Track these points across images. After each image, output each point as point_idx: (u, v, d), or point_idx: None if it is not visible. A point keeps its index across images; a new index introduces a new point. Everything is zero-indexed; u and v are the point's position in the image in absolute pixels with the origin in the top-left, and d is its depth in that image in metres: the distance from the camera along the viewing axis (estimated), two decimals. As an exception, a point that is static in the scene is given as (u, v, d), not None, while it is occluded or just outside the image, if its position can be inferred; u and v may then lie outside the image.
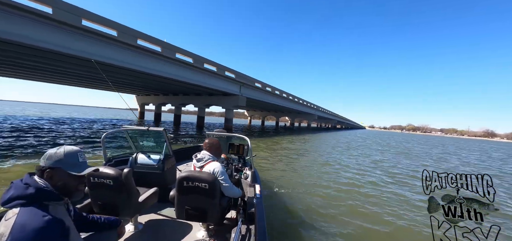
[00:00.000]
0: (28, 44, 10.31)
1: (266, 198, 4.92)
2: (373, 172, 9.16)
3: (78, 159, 1.19)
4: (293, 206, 4.81)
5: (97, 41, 12.46)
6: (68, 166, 1.13)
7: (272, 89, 32.04)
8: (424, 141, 41.91)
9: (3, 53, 12.48)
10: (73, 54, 11.69)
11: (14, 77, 23.88)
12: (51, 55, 12.25)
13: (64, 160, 1.13)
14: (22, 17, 9.87)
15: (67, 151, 1.16)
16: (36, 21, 10.26)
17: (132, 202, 2.25)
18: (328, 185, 6.76)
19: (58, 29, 10.93)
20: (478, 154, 22.90)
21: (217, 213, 2.18)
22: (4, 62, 15.12)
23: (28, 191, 0.98)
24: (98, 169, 1.51)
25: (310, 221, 4.14)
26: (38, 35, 10.42)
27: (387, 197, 5.95)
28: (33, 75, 21.70)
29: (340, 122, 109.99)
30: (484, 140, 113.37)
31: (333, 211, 4.72)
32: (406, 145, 28.40)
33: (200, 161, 2.34)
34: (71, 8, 11.05)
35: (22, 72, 19.37)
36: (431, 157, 16.56)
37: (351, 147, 19.57)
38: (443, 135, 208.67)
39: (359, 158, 13.18)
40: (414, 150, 20.99)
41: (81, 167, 1.18)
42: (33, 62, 14.57)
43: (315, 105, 54.47)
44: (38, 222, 0.92)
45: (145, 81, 20.94)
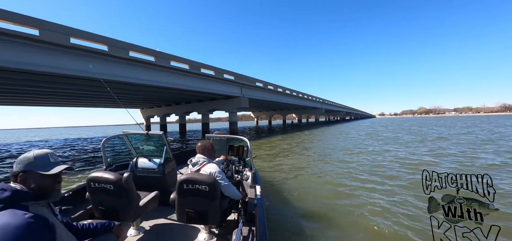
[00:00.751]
0: (17, 68, 10.23)
1: (266, 199, 4.77)
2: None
3: (49, 160, 1.20)
4: (294, 206, 4.57)
5: (89, 58, 12.30)
6: (38, 168, 1.14)
7: (274, 87, 31.42)
8: (449, 123, 38.37)
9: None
10: (65, 73, 11.57)
11: (11, 104, 23.95)
12: (45, 77, 12.20)
13: (34, 162, 1.15)
14: (9, 42, 9.79)
15: (37, 154, 1.18)
16: (24, 44, 10.16)
17: (132, 206, 2.25)
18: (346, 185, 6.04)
19: (47, 50, 10.82)
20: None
21: (217, 215, 2.17)
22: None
23: (4, 194, 0.99)
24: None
25: (311, 222, 3.94)
26: (27, 58, 10.33)
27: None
28: (29, 100, 21.66)
29: (349, 113, 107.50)
30: (501, 115, 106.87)
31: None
32: (437, 129, 24.33)
33: (195, 165, 2.35)
34: (58, 27, 10.93)
35: (17, 97, 19.39)
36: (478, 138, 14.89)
37: (379, 137, 17.83)
38: (458, 114, 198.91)
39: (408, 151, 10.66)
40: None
41: (51, 166, 1.18)
42: (27, 86, 14.55)
43: (320, 99, 53.32)
44: (20, 220, 0.93)
45: (144, 93, 20.85)
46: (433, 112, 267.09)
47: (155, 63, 15.36)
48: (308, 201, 4.87)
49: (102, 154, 3.30)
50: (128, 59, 13.89)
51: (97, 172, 2.24)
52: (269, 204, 4.59)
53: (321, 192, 5.43)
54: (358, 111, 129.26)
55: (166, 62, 16.17)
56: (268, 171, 7.52)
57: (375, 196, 4.92)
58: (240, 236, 1.96)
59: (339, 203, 4.72)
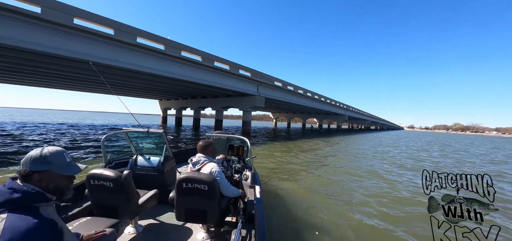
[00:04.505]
0: (16, 46, 9.72)
1: (266, 199, 4.52)
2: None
3: (66, 160, 1.14)
4: (294, 207, 4.55)
5: (92, 41, 11.63)
6: (58, 168, 1.09)
7: (295, 88, 29.40)
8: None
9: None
10: (65, 55, 10.95)
11: (12, 83, 22.97)
12: (43, 57, 11.69)
13: (53, 162, 1.09)
14: (9, 18, 9.30)
15: (53, 153, 1.10)
16: (24, 22, 9.63)
17: (132, 204, 2.24)
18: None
19: (48, 29, 10.24)
20: None
21: (216, 214, 2.17)
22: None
23: (14, 195, 0.95)
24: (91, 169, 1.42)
25: (312, 222, 3.93)
26: (27, 36, 9.80)
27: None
28: (25, 80, 20.59)
29: (375, 123, 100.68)
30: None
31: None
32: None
33: (196, 164, 2.33)
34: (62, 6, 10.30)
35: (11, 76, 18.50)
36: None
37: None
38: (500, 135, 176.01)
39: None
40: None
41: (71, 167, 1.14)
42: (28, 66, 14.14)
43: (345, 105, 49.87)
44: (29, 224, 0.90)
45: (152, 83, 20.08)
46: (471, 129, 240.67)
47: (165, 52, 14.42)
48: (308, 201, 4.89)
49: (102, 151, 3.24)
50: (135, 45, 13.08)
51: (97, 169, 2.20)
52: (269, 205, 4.43)
53: (321, 193, 5.48)
54: (385, 122, 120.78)
55: (176, 51, 15.18)
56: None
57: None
58: (239, 236, 1.97)
59: (339, 204, 4.82)
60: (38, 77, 18.58)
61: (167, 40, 14.56)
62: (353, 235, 3.61)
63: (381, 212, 4.58)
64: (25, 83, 23.43)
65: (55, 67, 14.22)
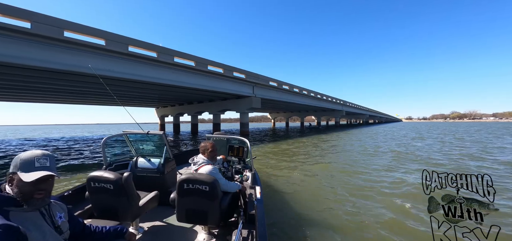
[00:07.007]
0: (8, 62, 9.74)
1: (266, 199, 4.54)
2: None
3: (34, 164, 1.06)
4: (294, 207, 4.48)
5: (84, 53, 11.65)
6: (21, 173, 1.04)
7: (290, 87, 29.52)
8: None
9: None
10: (57, 68, 10.96)
11: (5, 100, 23.16)
12: (40, 72, 11.74)
13: (20, 165, 1.05)
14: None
15: (23, 156, 1.07)
16: (15, 37, 9.66)
17: (132, 206, 2.22)
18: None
19: (39, 44, 10.26)
20: None
21: (217, 215, 2.16)
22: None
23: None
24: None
25: (313, 222, 3.88)
26: (18, 52, 9.82)
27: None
28: (26, 96, 20.87)
29: (372, 116, 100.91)
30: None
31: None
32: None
33: (195, 164, 2.41)
34: (52, 20, 10.34)
35: (12, 94, 18.61)
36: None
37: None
38: (497, 120, 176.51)
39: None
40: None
41: (34, 172, 1.05)
42: (21, 82, 14.13)
43: (341, 100, 50.02)
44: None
45: (147, 92, 20.18)
46: (468, 117, 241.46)
47: (157, 59, 14.45)
48: (308, 201, 4.79)
49: (102, 154, 3.29)
50: (127, 54, 13.11)
51: (97, 172, 2.19)
52: (269, 205, 4.41)
53: (321, 193, 5.32)
54: (382, 115, 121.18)
55: (169, 58, 15.22)
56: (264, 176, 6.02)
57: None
58: (239, 237, 1.95)
59: (339, 204, 4.63)
60: (33, 93, 18.56)
61: (160, 47, 14.61)
62: (357, 233, 3.51)
63: (389, 211, 4.24)
64: (21, 99, 23.42)
65: (49, 81, 14.22)
